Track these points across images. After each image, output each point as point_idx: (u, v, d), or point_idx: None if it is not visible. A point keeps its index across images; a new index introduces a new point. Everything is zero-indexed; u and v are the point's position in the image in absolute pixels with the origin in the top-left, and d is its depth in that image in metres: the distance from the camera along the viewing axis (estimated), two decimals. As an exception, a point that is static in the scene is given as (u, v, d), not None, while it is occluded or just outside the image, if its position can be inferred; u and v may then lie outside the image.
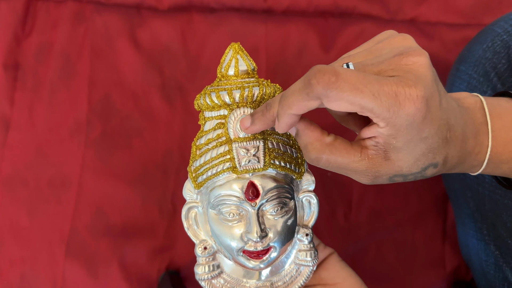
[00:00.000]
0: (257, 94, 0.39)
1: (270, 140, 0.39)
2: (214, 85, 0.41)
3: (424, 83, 0.30)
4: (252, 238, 0.38)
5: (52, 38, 0.72)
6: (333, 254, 0.44)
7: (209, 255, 0.41)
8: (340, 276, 0.43)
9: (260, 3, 0.73)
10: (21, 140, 0.70)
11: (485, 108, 0.36)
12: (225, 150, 0.39)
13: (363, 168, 0.33)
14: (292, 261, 0.42)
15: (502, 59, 0.50)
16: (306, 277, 0.42)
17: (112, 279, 0.67)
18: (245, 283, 0.42)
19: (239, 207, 0.39)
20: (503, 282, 0.52)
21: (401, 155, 0.32)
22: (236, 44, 0.42)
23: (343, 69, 0.30)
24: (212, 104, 0.40)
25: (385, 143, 0.32)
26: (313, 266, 0.42)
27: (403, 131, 0.31)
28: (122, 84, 0.71)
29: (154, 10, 0.73)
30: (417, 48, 0.31)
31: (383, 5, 0.74)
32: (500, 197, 0.50)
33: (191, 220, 0.42)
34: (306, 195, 0.42)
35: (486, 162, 0.36)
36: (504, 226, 0.50)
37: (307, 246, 0.42)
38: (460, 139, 0.34)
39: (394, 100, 0.29)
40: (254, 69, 0.42)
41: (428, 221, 0.71)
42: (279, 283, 0.42)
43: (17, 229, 0.68)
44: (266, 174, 0.39)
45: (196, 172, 0.41)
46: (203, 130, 0.41)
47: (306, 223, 0.42)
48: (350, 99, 0.29)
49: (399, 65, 0.30)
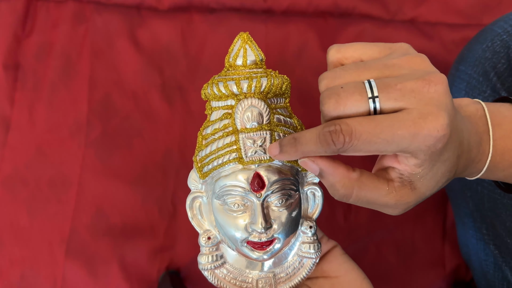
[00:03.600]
0: (265, 85, 0.39)
1: (277, 131, 0.39)
2: (222, 75, 0.41)
3: (446, 112, 0.30)
4: (257, 229, 0.38)
5: (52, 38, 0.72)
6: (336, 247, 0.44)
7: (213, 245, 0.41)
8: (343, 269, 0.43)
9: (260, 3, 0.73)
10: (21, 140, 0.70)
11: (487, 116, 0.37)
12: (231, 141, 0.39)
13: (393, 202, 0.33)
14: (295, 253, 0.42)
15: (502, 59, 0.50)
16: (309, 269, 0.42)
17: (112, 279, 0.67)
18: (248, 274, 0.42)
19: (244, 198, 0.39)
20: (503, 282, 0.52)
21: (426, 181, 0.33)
22: (244, 34, 0.41)
23: (357, 123, 0.30)
24: (220, 94, 0.40)
25: (410, 174, 0.32)
26: (316, 258, 0.42)
27: (428, 160, 0.31)
28: (122, 84, 0.71)
29: (154, 10, 0.73)
30: (437, 73, 0.32)
31: (383, 5, 0.74)
32: (499, 196, 0.50)
33: (195, 210, 0.42)
34: (311, 188, 0.42)
35: (485, 170, 0.37)
36: (503, 225, 0.51)
37: (311, 238, 0.42)
38: (466, 150, 0.35)
39: (412, 138, 0.30)
40: (263, 60, 0.42)
41: (428, 221, 0.71)
42: (282, 274, 0.42)
43: (17, 229, 0.68)
44: (272, 166, 0.39)
45: (201, 162, 0.41)
46: (210, 120, 0.41)
47: (310, 215, 0.43)
48: (365, 151, 0.31)
49: (422, 93, 0.30)
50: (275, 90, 0.40)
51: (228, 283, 0.41)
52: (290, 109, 0.41)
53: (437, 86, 0.31)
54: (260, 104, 0.38)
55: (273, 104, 0.40)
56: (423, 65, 0.33)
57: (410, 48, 0.34)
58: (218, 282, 0.41)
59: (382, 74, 0.32)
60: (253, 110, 0.38)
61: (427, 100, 0.30)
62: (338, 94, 0.31)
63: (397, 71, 0.32)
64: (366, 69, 0.33)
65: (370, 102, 0.31)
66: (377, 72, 0.33)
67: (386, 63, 0.33)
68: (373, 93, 0.31)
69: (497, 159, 0.36)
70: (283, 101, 0.41)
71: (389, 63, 0.33)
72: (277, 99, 0.41)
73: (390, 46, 0.35)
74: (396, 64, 0.33)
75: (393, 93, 0.31)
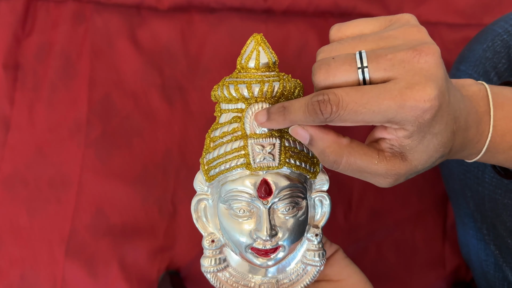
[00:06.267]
0: (276, 90, 0.38)
1: (287, 138, 0.39)
2: (233, 77, 0.40)
3: (434, 83, 0.30)
4: (262, 236, 0.38)
5: (52, 38, 0.72)
6: (338, 251, 0.44)
7: (216, 248, 0.41)
8: (345, 273, 0.43)
9: (260, 3, 0.73)
10: (21, 140, 0.70)
11: (489, 97, 0.37)
12: (240, 146, 0.38)
13: (383, 171, 0.33)
14: (300, 260, 0.42)
15: (502, 59, 0.50)
16: (313, 277, 0.42)
17: (112, 279, 0.67)
18: (251, 279, 0.41)
19: (250, 204, 0.38)
20: (503, 282, 0.52)
21: (417, 154, 0.33)
22: (258, 36, 0.40)
23: (344, 93, 0.31)
24: (230, 97, 0.39)
25: (400, 145, 0.32)
26: (321, 266, 0.41)
27: (416, 131, 0.31)
28: (122, 84, 0.71)
29: (154, 10, 0.73)
30: (431, 44, 0.31)
31: (383, 5, 0.74)
32: (500, 197, 0.50)
33: (200, 212, 0.41)
34: (318, 195, 0.42)
35: (484, 151, 0.37)
36: (504, 225, 0.50)
37: (316, 246, 0.41)
38: (463, 128, 0.34)
39: (398, 108, 0.30)
40: (276, 63, 0.41)
41: (428, 221, 0.71)
42: (285, 280, 0.42)
43: (17, 229, 0.68)
44: (280, 173, 0.38)
45: (208, 165, 0.40)
46: (218, 122, 0.40)
47: (317, 223, 0.42)
48: (352, 121, 0.31)
49: (411, 63, 0.30)
50: (287, 95, 0.39)
51: (231, 286, 0.41)
52: None
53: (427, 57, 0.31)
54: None
55: None
56: (419, 36, 0.32)
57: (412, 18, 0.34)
58: (220, 285, 0.41)
59: (377, 46, 0.32)
60: None
61: (416, 70, 0.30)
62: (329, 64, 0.32)
63: (391, 42, 0.32)
64: (361, 42, 0.33)
65: (359, 72, 0.31)
66: (372, 44, 0.33)
67: (382, 35, 0.33)
68: (363, 64, 0.31)
69: (497, 140, 0.36)
70: None
71: (385, 34, 0.33)
72: None
73: (391, 18, 0.35)
74: (391, 35, 0.33)
75: (382, 63, 0.31)
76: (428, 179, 0.71)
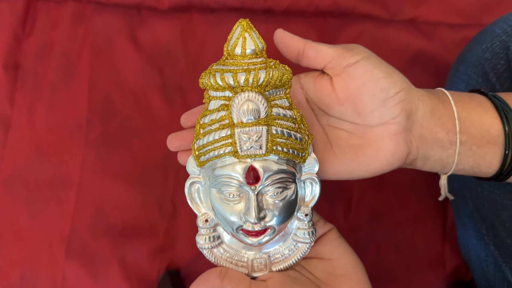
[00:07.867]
0: (263, 78, 0.38)
1: (274, 126, 0.39)
2: (220, 64, 0.40)
3: None
4: (250, 220, 0.38)
5: (52, 38, 0.72)
6: (332, 230, 0.44)
7: (210, 226, 0.42)
8: (337, 252, 0.43)
9: (260, 3, 0.73)
10: (21, 140, 0.70)
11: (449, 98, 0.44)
12: (227, 134, 0.38)
13: None
14: (291, 237, 0.42)
15: (501, 60, 0.50)
16: (303, 252, 0.42)
17: (112, 279, 0.67)
18: (244, 254, 0.42)
19: (240, 189, 0.39)
20: (503, 282, 0.52)
21: None
22: (244, 21, 0.40)
23: None
24: (216, 86, 0.39)
25: None
26: (311, 243, 0.42)
27: None
28: (122, 84, 0.71)
29: (154, 10, 0.73)
30: None
31: (383, 5, 0.74)
32: (499, 197, 0.50)
33: (194, 194, 0.42)
34: (308, 177, 0.42)
35: None
36: (503, 225, 0.51)
37: (306, 225, 0.42)
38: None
39: None
40: (263, 48, 0.40)
41: (428, 221, 0.71)
42: (277, 255, 0.43)
43: (17, 229, 0.68)
44: (268, 159, 0.39)
45: (199, 151, 0.41)
46: (207, 109, 0.41)
47: (307, 204, 0.42)
48: None
49: None
50: (274, 83, 0.39)
51: (225, 261, 0.42)
52: (290, 100, 0.41)
53: None
54: (257, 98, 0.37)
55: (271, 96, 0.39)
56: None
57: None
58: (215, 260, 0.42)
59: None
60: (249, 104, 0.37)
61: None
62: None
63: None
64: None
65: None
66: None
67: None
68: None
69: None
70: (283, 92, 0.40)
71: None
72: (277, 91, 0.40)
73: None
74: None
75: None
76: (428, 180, 0.71)
